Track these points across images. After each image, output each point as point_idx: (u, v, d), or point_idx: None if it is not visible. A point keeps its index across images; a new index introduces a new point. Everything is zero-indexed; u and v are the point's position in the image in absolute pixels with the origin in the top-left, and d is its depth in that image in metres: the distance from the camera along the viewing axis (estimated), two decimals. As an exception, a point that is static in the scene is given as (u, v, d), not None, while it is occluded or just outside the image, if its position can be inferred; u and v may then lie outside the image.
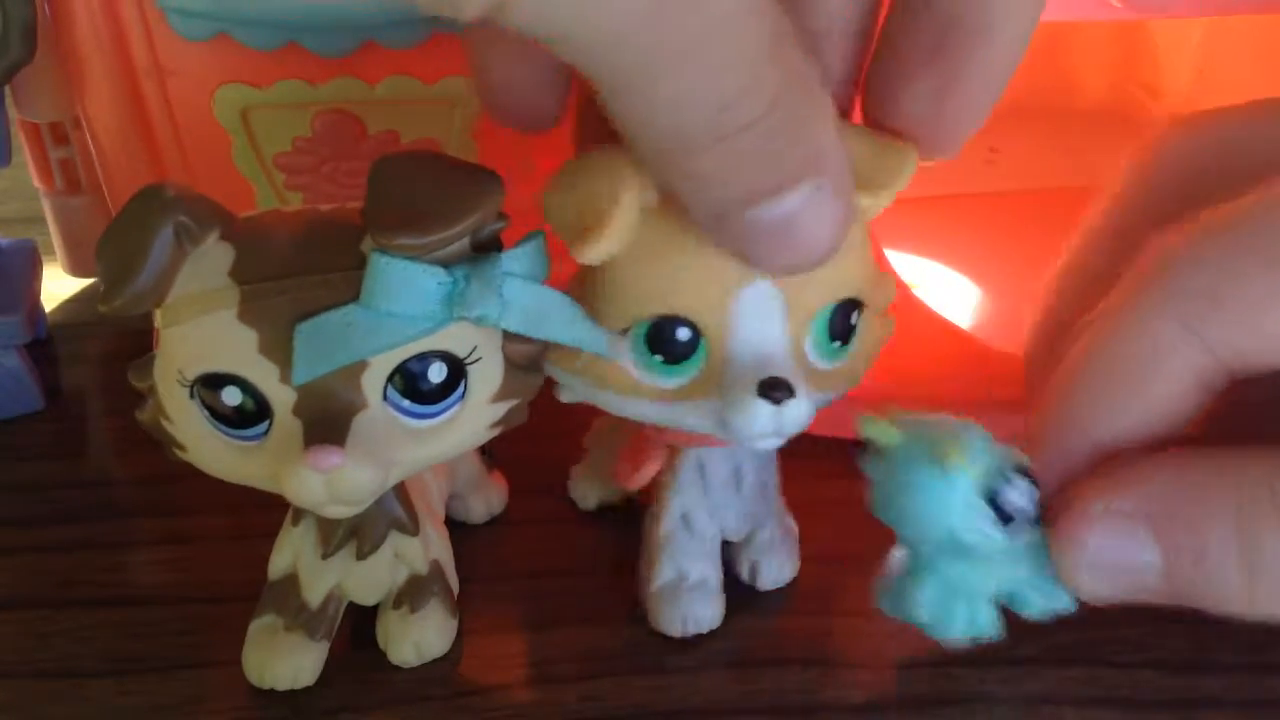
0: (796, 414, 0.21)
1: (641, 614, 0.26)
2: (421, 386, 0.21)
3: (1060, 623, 0.26)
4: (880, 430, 0.22)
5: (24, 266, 0.34)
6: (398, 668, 0.25)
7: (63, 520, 0.29)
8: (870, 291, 0.23)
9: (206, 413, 0.21)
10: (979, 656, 0.25)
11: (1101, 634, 0.24)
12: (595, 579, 0.27)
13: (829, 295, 0.22)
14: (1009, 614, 0.24)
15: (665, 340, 0.21)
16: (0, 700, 0.24)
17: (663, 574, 0.25)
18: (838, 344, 0.22)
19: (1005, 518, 0.22)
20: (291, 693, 0.24)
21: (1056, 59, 0.46)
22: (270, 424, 0.20)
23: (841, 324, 0.22)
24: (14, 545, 0.28)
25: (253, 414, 0.20)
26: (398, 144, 0.31)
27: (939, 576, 0.23)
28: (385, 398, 0.21)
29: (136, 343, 0.22)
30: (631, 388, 0.22)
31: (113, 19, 0.29)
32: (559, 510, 0.29)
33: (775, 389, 0.21)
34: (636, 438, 0.25)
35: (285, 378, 0.20)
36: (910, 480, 0.22)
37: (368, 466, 0.20)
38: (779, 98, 0.17)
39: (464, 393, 0.21)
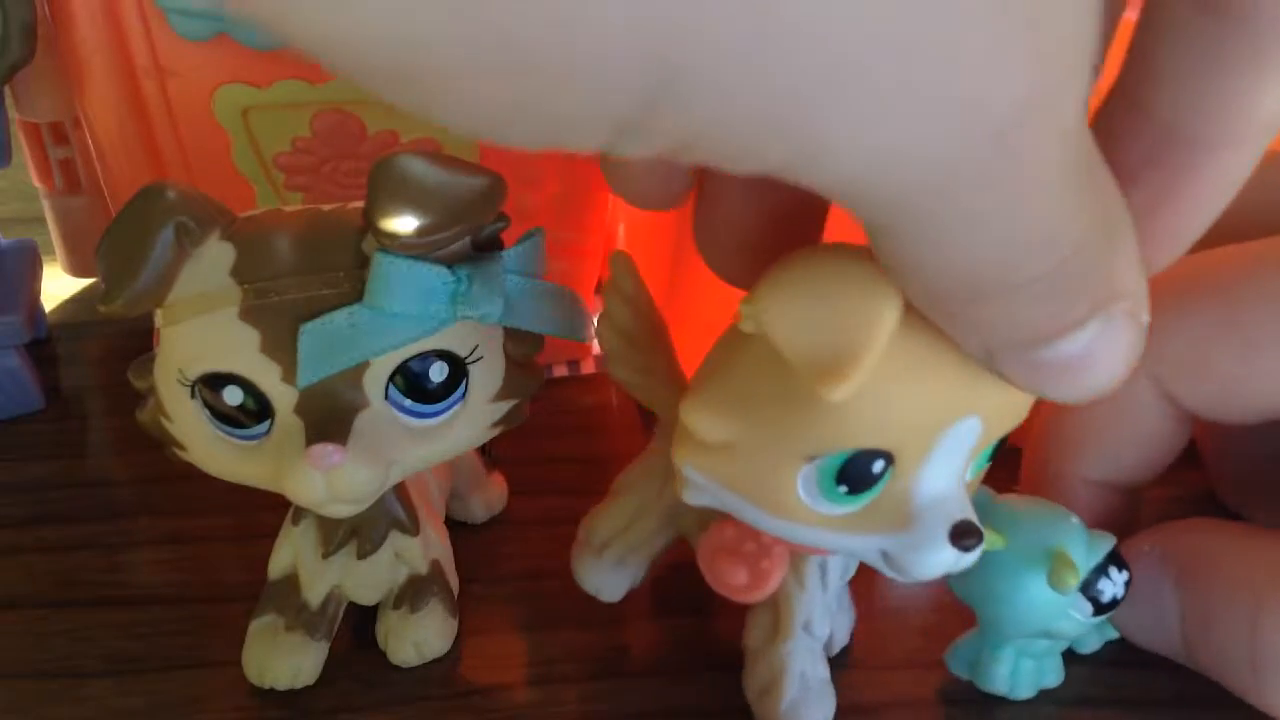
0: (974, 557, 0.19)
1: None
2: (423, 386, 0.21)
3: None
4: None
5: (24, 266, 0.34)
6: (398, 668, 0.25)
7: (63, 520, 0.29)
8: None
9: (207, 412, 0.21)
10: (978, 656, 0.25)
11: (1100, 634, 0.25)
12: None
13: (1015, 422, 0.19)
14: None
15: (858, 472, 0.18)
16: (0, 700, 0.24)
17: (791, 689, 0.23)
18: (988, 464, 0.20)
19: (1100, 607, 0.22)
20: (291, 692, 0.24)
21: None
22: (271, 423, 0.20)
23: (1000, 449, 0.20)
24: (14, 545, 0.28)
25: (254, 413, 0.20)
26: (397, 144, 0.31)
27: (1017, 650, 0.24)
28: (387, 397, 0.21)
29: (136, 343, 0.21)
30: (793, 511, 0.19)
31: (113, 19, 0.29)
32: (559, 510, 0.29)
33: (968, 536, 0.18)
34: (741, 542, 0.22)
35: (287, 377, 0.20)
36: (1016, 590, 0.22)
37: (369, 465, 0.20)
38: (1083, 241, 0.14)
39: (465, 392, 0.21)
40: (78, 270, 0.38)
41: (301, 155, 0.31)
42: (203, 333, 0.20)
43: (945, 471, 0.19)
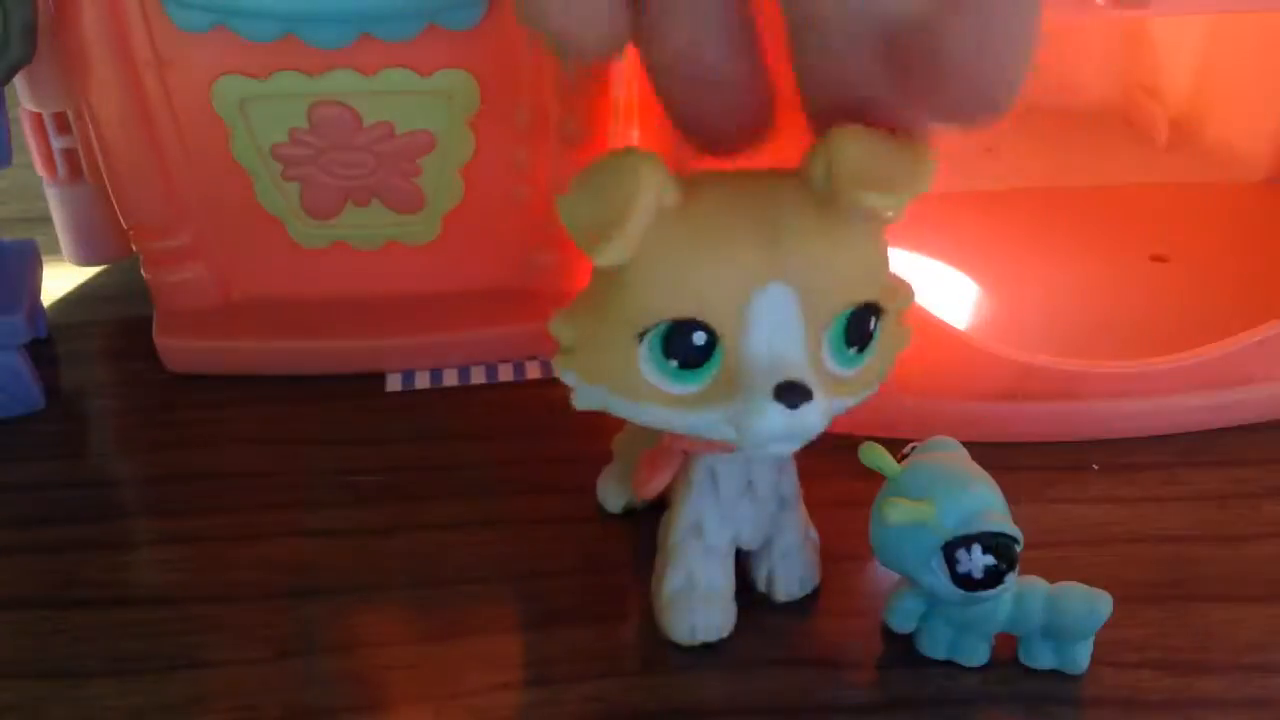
0: (812, 419, 0.21)
1: (652, 618, 0.26)
2: None
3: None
4: (879, 461, 0.24)
5: (24, 266, 0.34)
6: (396, 669, 0.25)
7: (63, 520, 0.29)
8: (888, 297, 0.22)
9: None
10: (979, 657, 0.25)
11: (1102, 634, 0.24)
12: (596, 579, 0.27)
13: (847, 299, 0.21)
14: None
15: (681, 344, 0.21)
16: (0, 700, 0.24)
17: (673, 581, 0.25)
18: (854, 350, 0.22)
19: (959, 579, 0.23)
20: (290, 692, 0.24)
21: (1056, 59, 0.46)
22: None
23: (859, 329, 0.22)
24: (14, 545, 0.28)
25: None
26: (393, 135, 0.31)
27: (921, 599, 0.25)
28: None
29: (136, 341, 0.21)
30: (647, 394, 0.21)
31: (114, 11, 0.29)
32: (560, 510, 0.29)
33: (791, 393, 0.20)
34: (656, 446, 0.25)
35: None
36: (884, 517, 0.23)
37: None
38: None
39: None
40: (81, 259, 0.38)
41: (299, 146, 0.32)
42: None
43: (774, 342, 0.21)
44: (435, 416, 0.33)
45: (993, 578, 0.23)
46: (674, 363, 0.21)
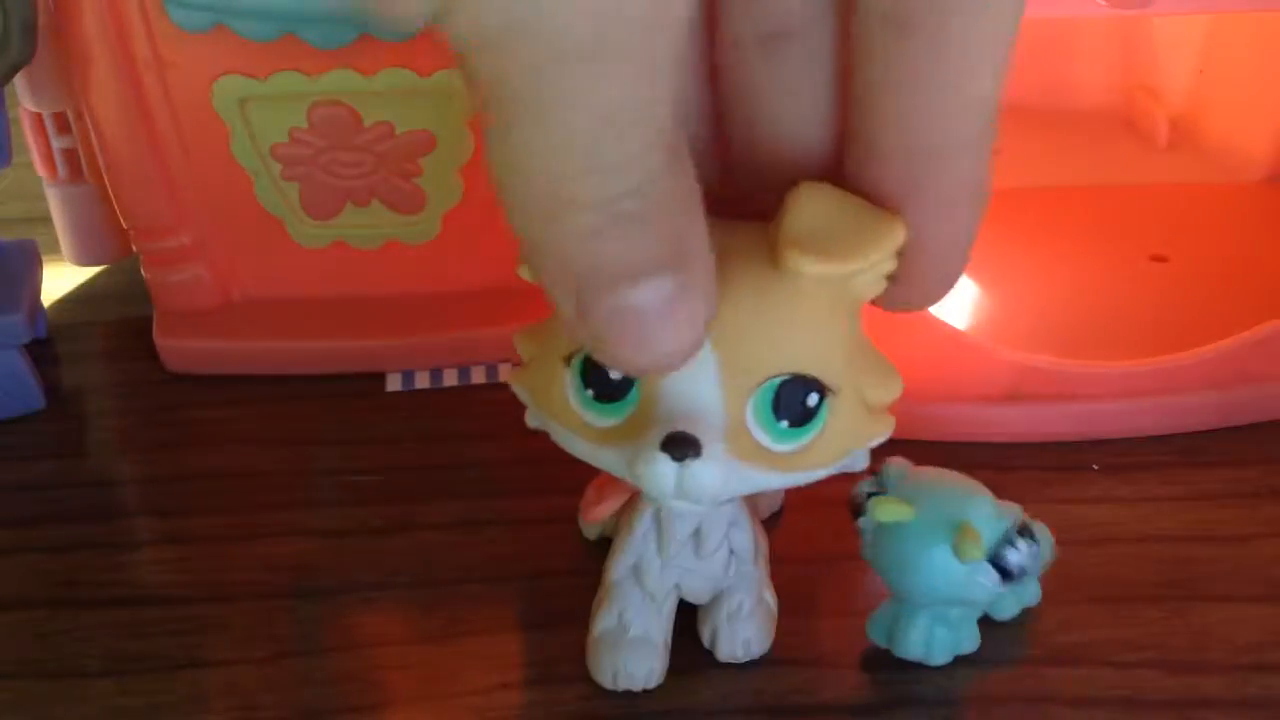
0: (702, 477, 0.19)
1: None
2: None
3: (1060, 623, 0.26)
4: (894, 511, 0.23)
5: (24, 266, 0.34)
6: (397, 670, 0.25)
7: (63, 520, 0.29)
8: (843, 377, 0.20)
9: None
10: (980, 657, 0.25)
11: (1102, 634, 0.25)
12: (596, 579, 0.27)
13: (773, 367, 0.20)
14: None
15: (598, 375, 0.20)
16: (0, 700, 0.24)
17: (603, 621, 0.24)
18: (785, 424, 0.20)
19: (1008, 575, 0.23)
20: (290, 693, 0.24)
21: (1056, 59, 0.46)
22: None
23: (790, 403, 0.20)
24: (14, 545, 0.28)
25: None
26: (393, 135, 0.32)
27: (930, 618, 0.24)
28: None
29: (136, 342, 0.21)
30: (568, 420, 0.21)
31: (113, 11, 0.29)
32: (559, 510, 0.29)
33: (677, 445, 0.19)
34: (603, 483, 0.25)
35: None
36: (923, 559, 0.23)
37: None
38: (658, 174, 0.15)
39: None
40: (82, 259, 0.38)
41: (298, 146, 0.32)
42: None
43: (690, 395, 0.20)
44: (435, 416, 0.33)
45: (1035, 559, 0.24)
46: (590, 392, 0.20)
